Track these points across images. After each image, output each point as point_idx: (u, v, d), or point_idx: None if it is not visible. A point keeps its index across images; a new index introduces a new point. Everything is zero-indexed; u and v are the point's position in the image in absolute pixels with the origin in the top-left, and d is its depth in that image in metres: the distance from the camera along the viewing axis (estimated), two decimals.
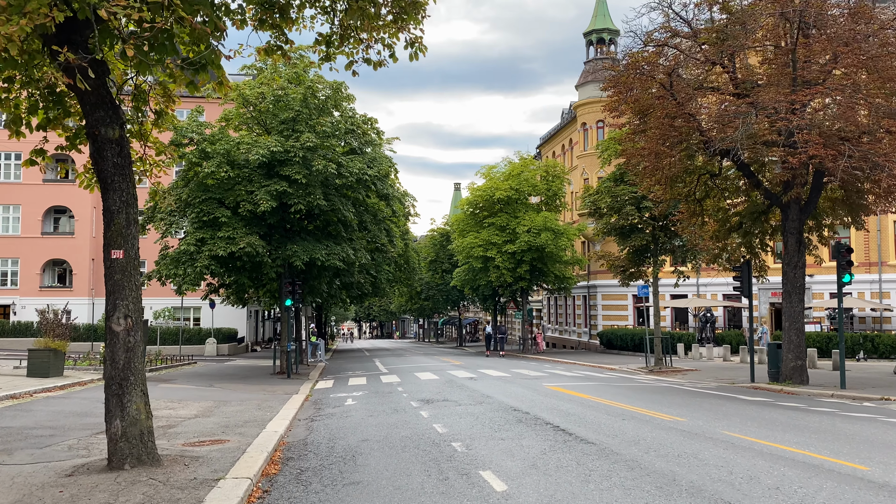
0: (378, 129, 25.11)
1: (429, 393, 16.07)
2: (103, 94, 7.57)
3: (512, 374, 21.58)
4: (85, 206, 43.82)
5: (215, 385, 19.78)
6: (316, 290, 28.81)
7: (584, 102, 44.17)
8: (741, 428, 10.22)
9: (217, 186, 22.39)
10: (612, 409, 12.38)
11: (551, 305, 54.21)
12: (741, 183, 21.16)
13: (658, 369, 25.26)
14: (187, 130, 22.09)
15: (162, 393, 16.70)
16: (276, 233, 23.73)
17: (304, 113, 22.27)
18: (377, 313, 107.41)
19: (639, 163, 18.85)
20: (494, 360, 31.39)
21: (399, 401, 14.70)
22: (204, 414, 12.91)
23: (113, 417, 7.44)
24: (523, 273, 38.83)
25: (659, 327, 26.72)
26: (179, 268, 21.96)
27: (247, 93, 23.17)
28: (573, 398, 14.22)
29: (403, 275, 49.63)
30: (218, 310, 40.93)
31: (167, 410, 13.30)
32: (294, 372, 24.81)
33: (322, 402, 15.40)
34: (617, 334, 40.15)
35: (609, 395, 15.12)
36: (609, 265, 27.58)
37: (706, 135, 17.54)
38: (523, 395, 14.77)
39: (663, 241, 25.85)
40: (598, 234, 27.25)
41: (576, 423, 10.59)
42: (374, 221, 27.09)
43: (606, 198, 25.90)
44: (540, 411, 12.02)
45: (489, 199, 40.37)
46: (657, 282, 26.58)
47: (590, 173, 43.62)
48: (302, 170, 21.57)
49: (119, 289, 7.58)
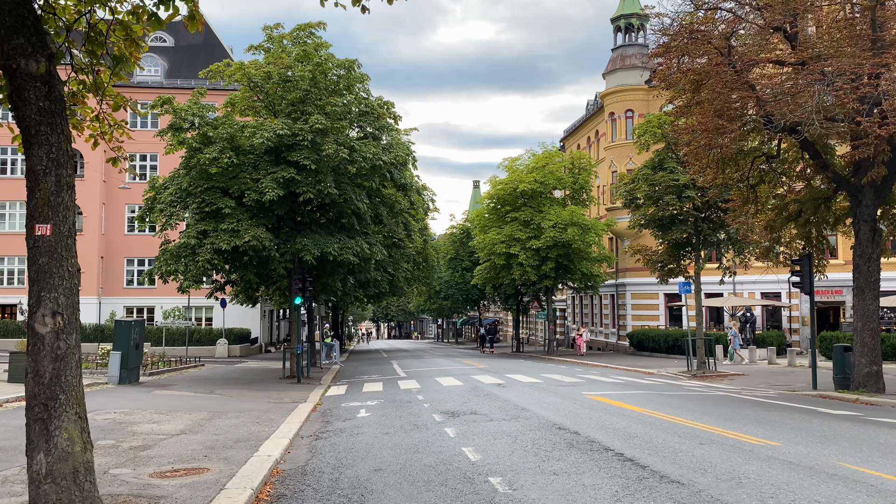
0: (395, 113, 23.07)
1: (453, 403, 14.04)
2: (23, 14, 5.64)
3: (544, 380, 19.48)
4: (93, 203, 42.35)
5: (216, 391, 17.91)
6: (329, 289, 26.88)
7: (613, 91, 41.89)
8: (860, 457, 8.02)
9: (220, 174, 20.54)
10: (680, 427, 10.22)
11: (576, 305, 51.92)
12: (798, 168, 18.91)
13: (702, 374, 23.04)
14: (188, 113, 20.24)
15: (152, 402, 14.84)
16: (285, 225, 21.84)
17: (313, 93, 20.32)
18: (395, 313, 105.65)
19: (689, 142, 16.65)
20: (522, 364, 29.32)
21: (419, 413, 12.69)
22: (191, 429, 10.99)
23: (35, 450, 5.50)
24: (548, 271, 36.67)
25: (701, 328, 24.47)
26: (180, 263, 20.10)
27: (252, 72, 21.29)
28: (625, 412, 12.10)
29: (422, 273, 47.67)
30: (230, 309, 39.18)
31: (150, 425, 11.40)
32: (305, 376, 22.91)
33: (331, 414, 13.44)
34: (648, 335, 37.81)
35: (665, 407, 12.98)
36: (645, 260, 25.34)
37: (767, 108, 15.32)
38: (565, 408, 12.67)
39: (706, 233, 23.57)
40: (635, 227, 25.01)
41: (644, 448, 8.47)
42: (391, 214, 25.07)
43: (644, 186, 23.65)
44: (591, 430, 9.91)
45: (512, 192, 38.24)
46: (699, 278, 24.31)
47: (618, 165, 41.33)
48: (311, 155, 19.63)
49: (45, 276, 5.66)
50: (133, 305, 43.83)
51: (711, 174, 17.93)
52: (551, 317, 42.51)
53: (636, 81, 41.42)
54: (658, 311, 40.83)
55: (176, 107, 20.37)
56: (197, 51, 46.93)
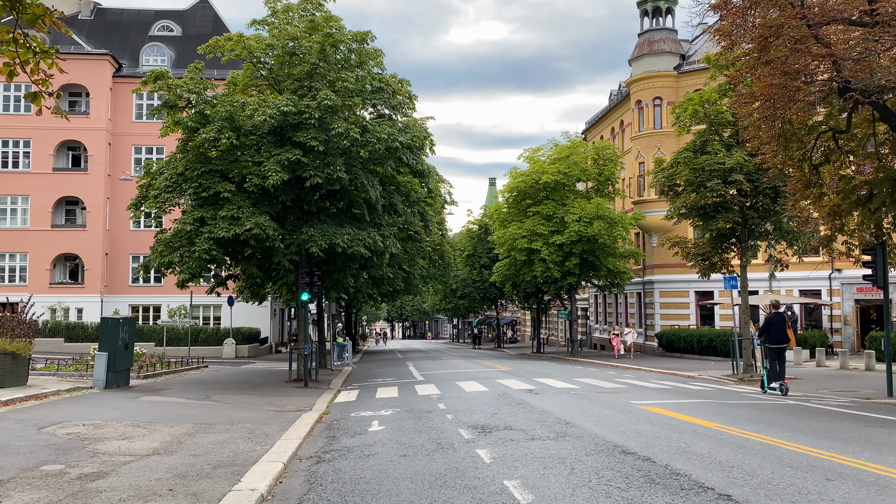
0: (411, 93, 21.05)
1: (481, 414, 11.98)
2: None
3: (580, 385, 17.33)
4: (98, 197, 40.72)
5: (213, 397, 15.98)
6: (340, 285, 24.94)
7: (640, 78, 39.64)
8: None
9: (219, 157, 18.65)
10: (780, 452, 7.99)
11: (599, 304, 49.66)
12: (870, 145, 16.68)
13: (749, 377, 20.84)
14: (182, 89, 18.34)
15: (135, 411, 12.90)
16: (291, 214, 19.89)
17: (321, 67, 18.32)
18: (410, 313, 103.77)
19: (751, 112, 14.46)
20: (548, 367, 27.22)
21: (443, 427, 10.66)
22: (167, 448, 9.02)
23: None
24: (572, 267, 34.51)
25: (748, 327, 22.23)
26: (174, 253, 18.21)
27: (253, 45, 19.35)
28: (697, 429, 9.93)
29: (438, 271, 45.52)
30: (240, 308, 37.42)
31: (118, 442, 9.44)
32: (313, 379, 20.98)
33: (338, 426, 11.44)
34: (679, 335, 35.52)
35: (738, 420, 10.84)
36: (685, 254, 23.14)
37: (845, 72, 13.12)
38: (619, 423, 10.56)
39: (755, 222, 21.31)
40: (673, 217, 22.77)
41: (753, 486, 6.22)
42: (407, 203, 23.04)
43: (685, 171, 21.42)
44: (667, 455, 7.78)
45: (534, 184, 36.09)
46: (745, 272, 22.08)
47: (646, 156, 39.08)
48: (319, 135, 17.66)
49: None
50: (139, 304, 42.19)
51: (771, 151, 15.75)
52: (574, 316, 40.33)
53: (665, 67, 39.18)
54: (688, 310, 38.56)
55: (170, 83, 18.50)
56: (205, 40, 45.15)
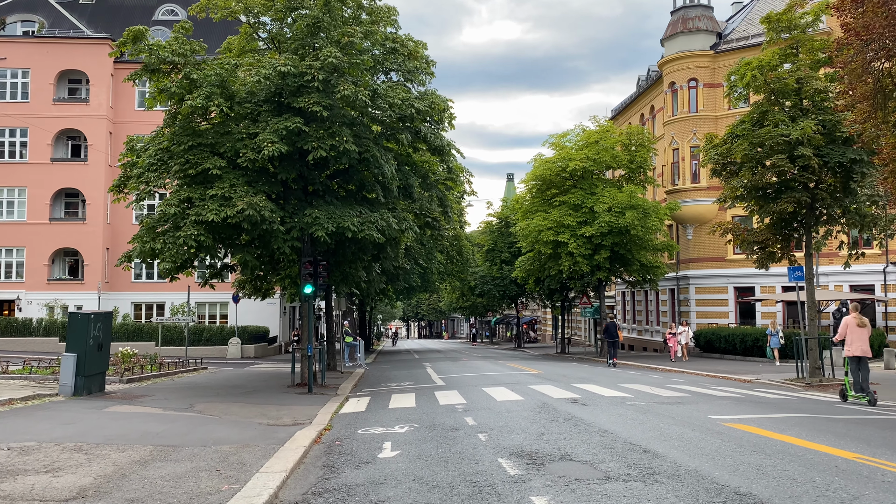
0: (428, 58, 18.47)
1: (523, 434, 9.36)
2: None
3: (632, 393, 14.59)
4: (98, 189, 38.51)
5: (197, 406, 13.51)
6: (350, 278, 22.37)
7: (673, 58, 36.78)
8: None
9: (210, 130, 16.21)
10: None
11: (626, 301, 46.79)
12: None
13: (818, 381, 18.08)
14: (165, 51, 15.87)
15: (90, 426, 10.41)
16: (293, 196, 17.39)
17: (325, 21, 15.78)
18: (426, 312, 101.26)
19: (851, 58, 11.74)
20: (582, 370, 24.50)
21: (476, 454, 8.07)
22: (98, 489, 6.50)
23: None
24: (602, 261, 31.74)
25: (816, 326, 19.45)
26: (157, 240, 15.75)
27: (249, 2, 16.86)
28: (835, 461, 7.24)
29: (456, 267, 42.89)
30: (247, 305, 35.00)
31: (38, 476, 6.94)
32: (319, 383, 18.48)
33: (341, 450, 8.87)
34: (720, 335, 32.62)
35: (859, 443, 8.17)
36: (739, 241, 20.39)
37: None
38: (716, 450, 7.84)
39: (825, 203, 18.46)
40: (729, 200, 19.98)
41: None
42: (424, 185, 20.47)
43: (743, 145, 18.63)
44: None
45: (560, 172, 33.38)
46: (811, 262, 19.29)
47: (680, 142, 36.24)
48: (322, 99, 15.12)
49: None
50: (141, 301, 40.02)
51: (864, 111, 13.02)
52: (603, 314, 37.53)
53: (701, 46, 36.31)
54: (727, 307, 35.68)
55: (151, 44, 16.06)
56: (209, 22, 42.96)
